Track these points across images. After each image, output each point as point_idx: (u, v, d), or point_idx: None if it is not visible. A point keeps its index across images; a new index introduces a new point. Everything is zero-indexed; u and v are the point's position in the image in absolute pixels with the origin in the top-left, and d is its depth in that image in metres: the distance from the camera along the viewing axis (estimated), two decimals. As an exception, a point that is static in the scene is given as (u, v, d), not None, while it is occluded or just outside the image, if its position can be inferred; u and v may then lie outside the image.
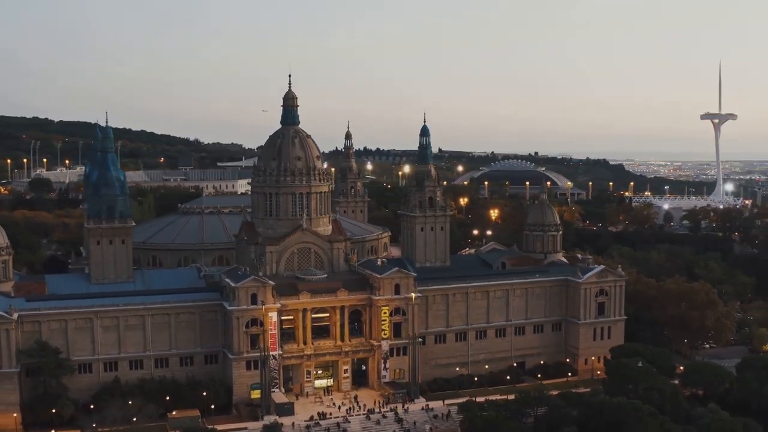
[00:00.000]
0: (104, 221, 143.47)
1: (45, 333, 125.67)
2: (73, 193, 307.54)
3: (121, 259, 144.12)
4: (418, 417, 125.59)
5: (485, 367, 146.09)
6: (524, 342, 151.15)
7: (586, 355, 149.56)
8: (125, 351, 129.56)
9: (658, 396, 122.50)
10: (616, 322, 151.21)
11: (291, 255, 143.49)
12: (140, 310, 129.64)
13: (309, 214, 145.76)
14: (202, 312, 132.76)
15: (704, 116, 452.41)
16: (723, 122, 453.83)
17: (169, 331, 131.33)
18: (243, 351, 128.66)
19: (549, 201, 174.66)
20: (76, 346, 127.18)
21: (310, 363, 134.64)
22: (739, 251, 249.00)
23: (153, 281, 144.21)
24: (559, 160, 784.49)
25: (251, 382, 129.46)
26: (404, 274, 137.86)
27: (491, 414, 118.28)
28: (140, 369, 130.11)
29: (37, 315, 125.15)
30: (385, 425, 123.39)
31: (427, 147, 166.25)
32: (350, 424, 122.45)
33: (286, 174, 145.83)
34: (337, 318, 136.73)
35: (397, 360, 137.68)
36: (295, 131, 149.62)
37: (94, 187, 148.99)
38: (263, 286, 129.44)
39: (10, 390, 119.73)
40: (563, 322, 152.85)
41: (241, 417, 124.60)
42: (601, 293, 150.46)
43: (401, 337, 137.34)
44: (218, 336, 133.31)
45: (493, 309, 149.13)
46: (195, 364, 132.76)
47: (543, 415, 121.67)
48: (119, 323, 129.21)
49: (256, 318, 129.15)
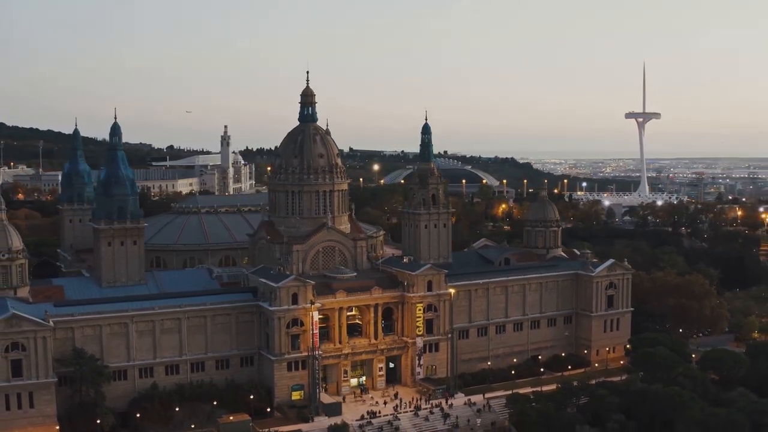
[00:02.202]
0: (116, 222, 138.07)
1: (78, 339, 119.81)
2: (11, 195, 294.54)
3: (133, 261, 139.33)
4: (462, 412, 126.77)
5: (505, 361, 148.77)
6: (539, 335, 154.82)
7: (597, 346, 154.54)
8: (161, 356, 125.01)
9: (689, 382, 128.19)
10: (624, 314, 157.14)
11: (316, 254, 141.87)
12: (177, 313, 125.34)
13: (332, 212, 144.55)
14: (238, 313, 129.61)
15: (629, 115, 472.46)
16: (647, 121, 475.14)
17: (205, 334, 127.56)
18: (285, 352, 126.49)
19: (482, 199, 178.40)
20: (111, 352, 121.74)
21: (347, 362, 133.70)
22: (689, 245, 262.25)
23: (165, 283, 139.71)
24: (469, 159, 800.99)
25: (292, 383, 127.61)
26: (437, 270, 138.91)
27: (543, 405, 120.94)
28: (176, 374, 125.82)
29: (71, 321, 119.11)
30: (434, 421, 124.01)
31: (429, 145, 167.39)
32: (401, 421, 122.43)
33: (309, 172, 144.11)
34: (371, 316, 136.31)
35: (429, 356, 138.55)
36: (315, 128, 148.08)
37: (104, 186, 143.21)
38: (304, 285, 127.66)
39: (47, 401, 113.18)
40: (574, 315, 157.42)
41: (288, 419, 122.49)
42: (611, 286, 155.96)
43: (433, 333, 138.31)
44: (253, 337, 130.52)
45: (512, 304, 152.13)
46: (231, 366, 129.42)
47: (586, 405, 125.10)
48: (155, 327, 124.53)
49: (296, 318, 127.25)
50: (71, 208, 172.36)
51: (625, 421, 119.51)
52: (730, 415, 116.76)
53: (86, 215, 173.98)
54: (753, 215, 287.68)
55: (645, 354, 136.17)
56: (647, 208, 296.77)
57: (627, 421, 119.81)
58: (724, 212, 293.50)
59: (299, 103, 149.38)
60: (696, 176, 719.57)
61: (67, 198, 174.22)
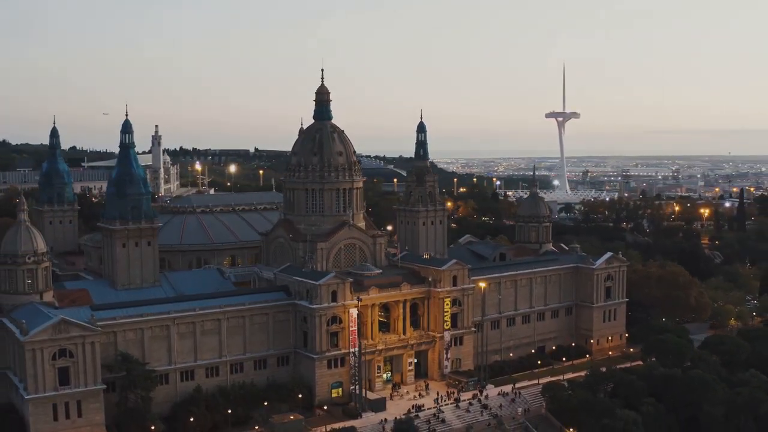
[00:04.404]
0: (131, 222, 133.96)
1: (120, 344, 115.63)
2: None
3: (148, 262, 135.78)
4: (496, 402, 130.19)
5: (515, 352, 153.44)
6: (544, 327, 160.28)
7: (598, 336, 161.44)
8: (202, 358, 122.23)
9: (703, 365, 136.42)
10: (620, 305, 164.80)
11: (338, 251, 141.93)
12: (217, 314, 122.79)
13: (352, 209, 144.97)
14: (275, 313, 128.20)
15: (549, 115, 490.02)
16: (567, 120, 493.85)
17: (243, 335, 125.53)
18: (325, 350, 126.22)
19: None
20: (152, 355, 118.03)
21: (380, 358, 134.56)
22: (632, 240, 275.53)
23: (179, 285, 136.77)
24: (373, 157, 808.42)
25: (332, 380, 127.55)
26: (462, 266, 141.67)
27: (579, 392, 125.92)
28: (216, 376, 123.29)
29: (113, 325, 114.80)
30: (474, 413, 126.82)
31: (425, 143, 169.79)
32: (444, 414, 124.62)
33: (330, 170, 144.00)
34: (399, 312, 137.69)
35: (454, 349, 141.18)
36: (332, 126, 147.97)
37: (116, 185, 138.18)
38: (343, 283, 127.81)
39: (95, 409, 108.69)
40: (574, 306, 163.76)
41: (335, 416, 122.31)
42: (609, 278, 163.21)
43: (457, 327, 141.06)
44: (289, 337, 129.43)
45: (520, 297, 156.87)
46: (268, 366, 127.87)
47: (615, 390, 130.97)
48: (195, 329, 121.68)
49: (336, 315, 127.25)
50: (51, 210, 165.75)
51: (656, 404, 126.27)
52: (752, 393, 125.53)
53: (68, 216, 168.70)
54: (691, 210, 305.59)
55: (657, 341, 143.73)
56: (588, 204, 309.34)
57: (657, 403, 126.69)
58: (662, 207, 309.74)
59: (314, 101, 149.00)
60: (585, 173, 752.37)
61: (47, 199, 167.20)
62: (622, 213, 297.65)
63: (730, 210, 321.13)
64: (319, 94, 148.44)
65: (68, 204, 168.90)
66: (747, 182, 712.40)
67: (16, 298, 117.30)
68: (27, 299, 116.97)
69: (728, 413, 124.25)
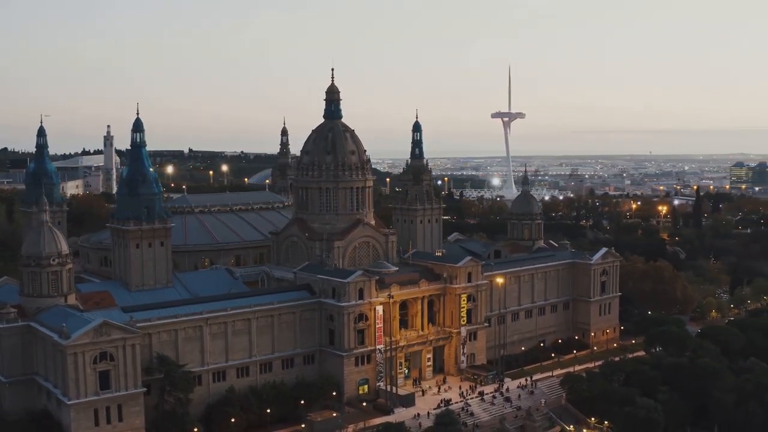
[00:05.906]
0: (144, 222, 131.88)
1: (155, 345, 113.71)
2: None
3: (161, 263, 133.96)
4: (515, 394, 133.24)
5: (518, 346, 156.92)
6: (545, 321, 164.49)
7: (595, 329, 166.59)
8: (233, 358, 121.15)
9: (707, 354, 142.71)
10: (614, 299, 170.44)
11: (353, 250, 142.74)
12: (247, 314, 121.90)
13: (365, 208, 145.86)
14: (302, 311, 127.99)
15: (495, 115, 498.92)
16: (512, 120, 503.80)
17: (271, 334, 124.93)
18: (353, 347, 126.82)
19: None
20: (185, 357, 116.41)
21: (401, 354, 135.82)
22: (593, 237, 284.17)
23: (191, 286, 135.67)
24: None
25: (359, 377, 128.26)
26: (476, 262, 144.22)
27: (599, 383, 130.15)
28: (247, 376, 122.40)
29: (148, 327, 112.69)
30: (499, 405, 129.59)
31: (420, 142, 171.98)
32: (471, 407, 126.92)
33: (344, 168, 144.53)
34: (418, 308, 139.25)
35: (469, 344, 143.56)
36: (343, 125, 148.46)
37: (128, 185, 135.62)
38: (369, 280, 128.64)
39: (136, 413, 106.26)
40: (571, 301, 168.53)
41: (367, 412, 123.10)
42: (604, 273, 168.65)
43: (472, 322, 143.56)
44: (314, 335, 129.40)
45: (523, 292, 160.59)
46: (295, 365, 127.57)
47: (627, 380, 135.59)
48: (227, 329, 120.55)
49: (362, 313, 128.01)
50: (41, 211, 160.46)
51: (670, 392, 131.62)
52: (759, 378, 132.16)
53: (57, 218, 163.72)
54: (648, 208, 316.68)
55: (661, 332, 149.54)
56: (547, 202, 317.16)
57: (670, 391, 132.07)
58: (619, 205, 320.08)
59: (324, 100, 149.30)
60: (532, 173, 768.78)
61: (35, 199, 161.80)
62: (581, 211, 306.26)
63: (684, 207, 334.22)
64: (330, 93, 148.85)
65: (57, 205, 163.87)
66: (672, 180, 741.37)
67: (41, 301, 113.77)
68: (51, 302, 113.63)
69: (738, 400, 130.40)
